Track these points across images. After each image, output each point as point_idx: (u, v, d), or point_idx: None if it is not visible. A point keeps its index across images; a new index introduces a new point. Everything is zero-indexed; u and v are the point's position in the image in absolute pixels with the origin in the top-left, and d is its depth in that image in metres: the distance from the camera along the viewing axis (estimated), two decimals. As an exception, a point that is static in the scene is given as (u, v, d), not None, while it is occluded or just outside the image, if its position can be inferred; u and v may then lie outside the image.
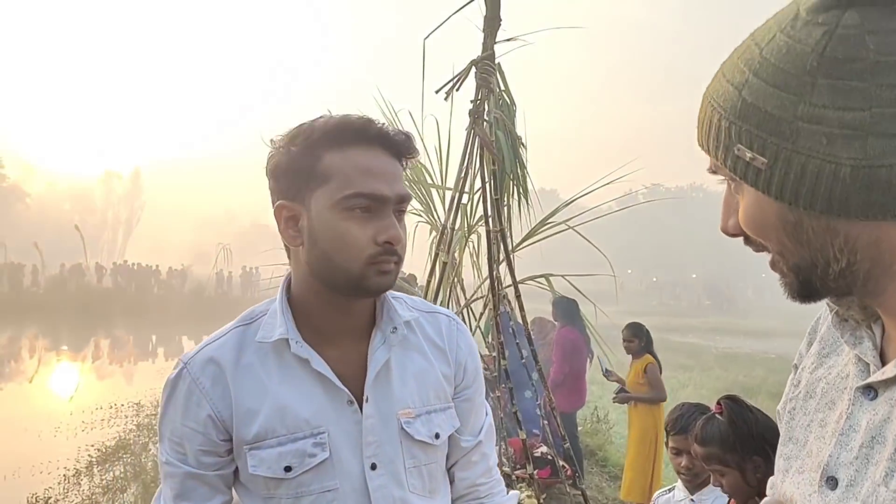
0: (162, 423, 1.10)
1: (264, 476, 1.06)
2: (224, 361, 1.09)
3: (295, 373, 1.09)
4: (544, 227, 4.96)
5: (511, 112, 3.72)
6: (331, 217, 1.03)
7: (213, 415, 1.07)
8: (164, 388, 1.12)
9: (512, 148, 3.66)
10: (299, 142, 1.05)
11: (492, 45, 3.25)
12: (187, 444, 1.08)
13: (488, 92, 3.35)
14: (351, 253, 1.03)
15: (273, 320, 1.11)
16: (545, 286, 5.43)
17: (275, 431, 1.06)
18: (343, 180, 1.03)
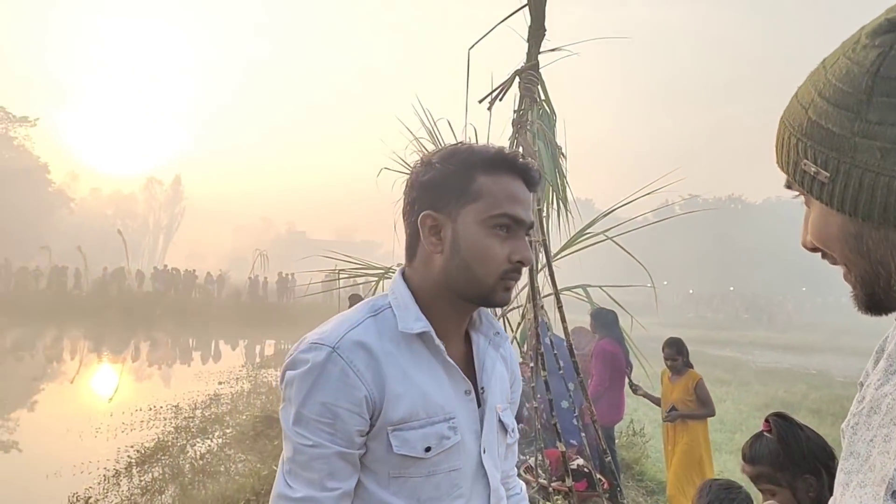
0: (304, 405, 1.11)
1: (405, 455, 1.14)
2: (372, 346, 1.15)
3: (429, 363, 1.20)
4: (582, 238, 4.93)
5: (551, 122, 3.71)
6: (477, 232, 1.17)
7: (368, 396, 1.12)
8: (300, 371, 1.13)
9: (552, 158, 3.65)
10: (456, 161, 1.20)
11: (536, 55, 3.26)
12: (341, 425, 1.11)
13: (531, 102, 3.35)
14: (489, 267, 1.18)
15: (405, 314, 1.20)
16: (582, 296, 5.40)
17: (417, 415, 1.15)
18: (493, 201, 1.17)
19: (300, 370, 1.13)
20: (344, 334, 1.15)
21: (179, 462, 8.01)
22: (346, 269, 5.36)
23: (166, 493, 6.92)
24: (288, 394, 1.15)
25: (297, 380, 1.13)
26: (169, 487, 7.09)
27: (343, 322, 1.19)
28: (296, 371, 1.14)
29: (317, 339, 1.15)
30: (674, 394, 5.12)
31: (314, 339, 1.16)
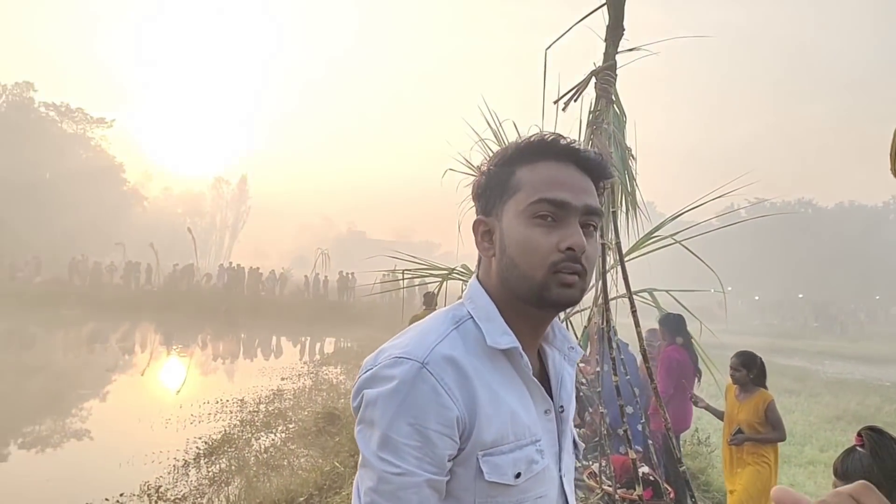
0: (391, 427, 0.99)
1: (495, 482, 1.04)
2: (461, 361, 1.05)
3: (513, 380, 1.10)
4: (649, 241, 4.84)
5: (622, 123, 3.67)
6: (517, 224, 1.08)
7: (460, 417, 1.01)
8: (385, 390, 1.02)
9: (622, 159, 3.61)
10: (496, 161, 1.14)
11: (613, 54, 3.21)
12: (431, 448, 0.99)
13: (607, 102, 3.31)
14: (534, 259, 1.06)
15: (491, 327, 1.10)
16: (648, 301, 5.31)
17: (506, 438, 1.05)
18: (530, 189, 1.08)
19: (385, 388, 1.01)
20: (432, 348, 1.05)
21: (245, 455, 8.22)
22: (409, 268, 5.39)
23: (233, 485, 7.10)
24: (370, 415, 1.02)
25: (381, 399, 1.01)
26: (235, 479, 7.28)
27: (427, 334, 1.09)
28: (379, 389, 1.02)
29: (401, 352, 1.04)
30: (741, 414, 4.72)
31: (398, 352, 1.04)
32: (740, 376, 4.78)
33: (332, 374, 15.33)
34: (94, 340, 21.92)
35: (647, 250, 4.87)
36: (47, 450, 9.29)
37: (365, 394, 1.04)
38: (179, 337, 23.51)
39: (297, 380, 14.47)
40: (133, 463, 7.89)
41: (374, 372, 1.05)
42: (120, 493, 6.77)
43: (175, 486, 7.12)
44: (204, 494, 6.83)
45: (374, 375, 1.04)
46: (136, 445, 8.60)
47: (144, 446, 8.54)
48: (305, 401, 11.82)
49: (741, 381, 4.79)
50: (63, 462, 8.71)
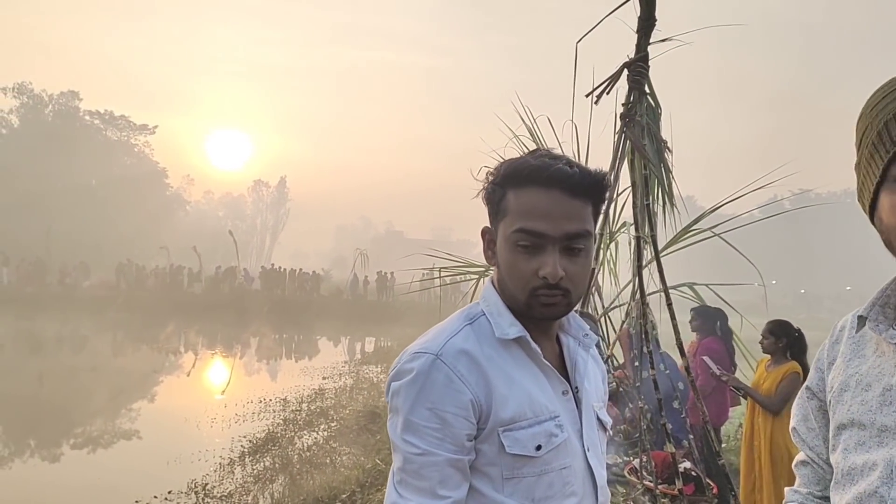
0: (412, 412, 1.13)
1: (517, 454, 1.15)
2: (474, 352, 1.17)
3: (527, 365, 1.22)
4: (688, 235, 4.77)
5: (656, 115, 3.63)
6: (505, 247, 1.21)
7: (474, 400, 1.14)
8: (405, 381, 1.16)
9: (657, 152, 3.57)
10: (494, 179, 1.23)
11: (646, 46, 3.19)
12: (449, 430, 1.12)
13: (640, 94, 3.29)
14: (517, 282, 1.19)
15: (500, 320, 1.22)
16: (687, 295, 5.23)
17: (524, 414, 1.17)
18: (514, 217, 1.19)
19: (405, 379, 1.15)
20: (445, 342, 1.18)
21: (288, 453, 8.35)
22: (446, 266, 5.41)
23: (277, 482, 7.23)
24: (395, 403, 1.17)
25: (403, 389, 1.15)
26: (279, 477, 7.41)
27: (442, 331, 1.22)
28: (401, 381, 1.16)
29: (419, 348, 1.18)
30: (764, 383, 4.54)
31: (416, 349, 1.19)
32: (769, 344, 4.59)
33: (372, 373, 15.46)
34: (141, 343, 22.45)
35: (686, 243, 4.80)
36: (98, 450, 9.57)
37: (391, 386, 1.19)
38: (223, 338, 23.94)
39: (338, 379, 14.63)
40: (180, 461, 8.07)
41: (398, 367, 1.19)
42: (168, 491, 6.94)
43: (221, 484, 7.27)
44: (249, 492, 6.96)
45: (398, 370, 1.19)
46: (183, 444, 8.79)
47: (191, 445, 8.73)
48: (347, 399, 11.95)
49: (769, 350, 4.60)
50: (113, 461, 8.96)
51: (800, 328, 4.71)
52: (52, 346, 20.63)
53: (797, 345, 4.61)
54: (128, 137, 53.70)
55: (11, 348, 19.78)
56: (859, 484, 0.94)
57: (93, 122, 51.49)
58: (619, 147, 3.42)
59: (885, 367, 0.95)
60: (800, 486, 1.21)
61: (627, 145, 3.39)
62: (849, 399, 1.00)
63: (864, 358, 1.01)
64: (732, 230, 4.83)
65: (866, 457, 0.94)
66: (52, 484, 7.83)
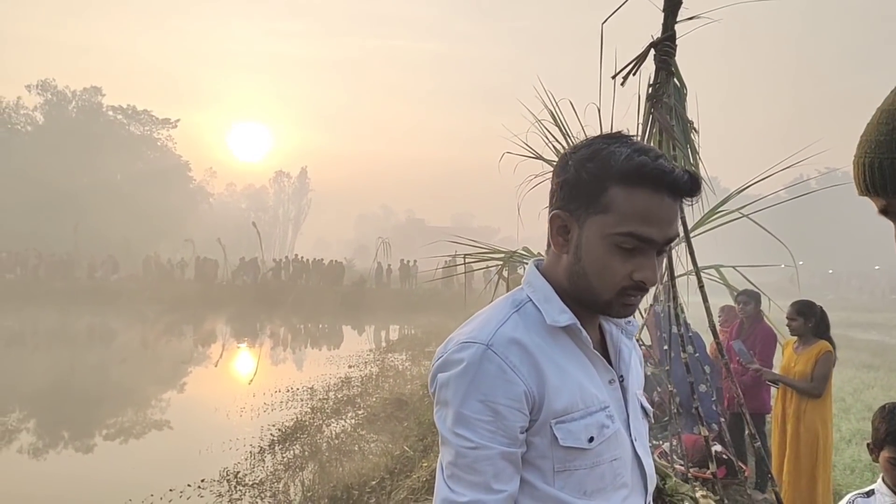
0: (463, 404, 1.09)
1: (570, 447, 1.12)
2: (524, 341, 1.13)
3: (576, 354, 1.18)
4: (715, 216, 4.71)
5: (682, 95, 3.58)
6: (600, 245, 1.12)
7: (527, 391, 1.10)
8: (455, 372, 1.11)
9: (683, 132, 3.52)
10: (591, 168, 1.13)
11: (672, 24, 3.13)
12: (502, 422, 1.08)
13: (668, 75, 3.24)
14: (607, 282, 1.13)
15: (549, 307, 1.18)
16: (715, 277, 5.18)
17: (576, 406, 1.13)
18: (621, 217, 1.10)
19: (455, 370, 1.11)
20: (495, 331, 1.13)
21: (317, 441, 8.43)
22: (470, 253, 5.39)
23: (307, 470, 7.31)
24: (444, 396, 1.12)
25: (452, 380, 1.11)
26: (309, 464, 7.49)
27: (490, 319, 1.17)
28: (450, 372, 1.12)
29: (467, 338, 1.13)
30: (797, 366, 4.52)
31: (464, 338, 1.14)
32: (797, 325, 4.58)
33: (397, 361, 15.54)
34: (169, 334, 22.76)
35: (712, 226, 4.73)
36: (130, 440, 9.74)
37: (439, 378, 1.14)
38: (248, 329, 24.19)
39: (363, 367, 14.72)
40: (212, 450, 8.19)
41: (445, 358, 1.14)
42: (201, 479, 7.05)
43: (252, 472, 7.37)
44: (280, 479, 7.05)
45: (445, 361, 1.14)
46: (214, 434, 8.92)
47: (221, 434, 8.86)
48: (373, 387, 12.03)
49: (799, 331, 4.59)
50: (145, 451, 9.11)
51: (822, 306, 4.69)
52: (82, 339, 21.00)
53: (822, 323, 4.61)
54: (150, 132, 54.18)
55: (43, 342, 20.17)
56: None
57: (116, 117, 52.02)
58: (646, 130, 3.38)
59: None
60: None
61: (655, 127, 3.34)
62: None
63: None
64: (759, 211, 4.76)
65: None
66: (86, 475, 7.98)
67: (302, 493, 6.54)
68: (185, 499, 6.68)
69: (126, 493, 6.67)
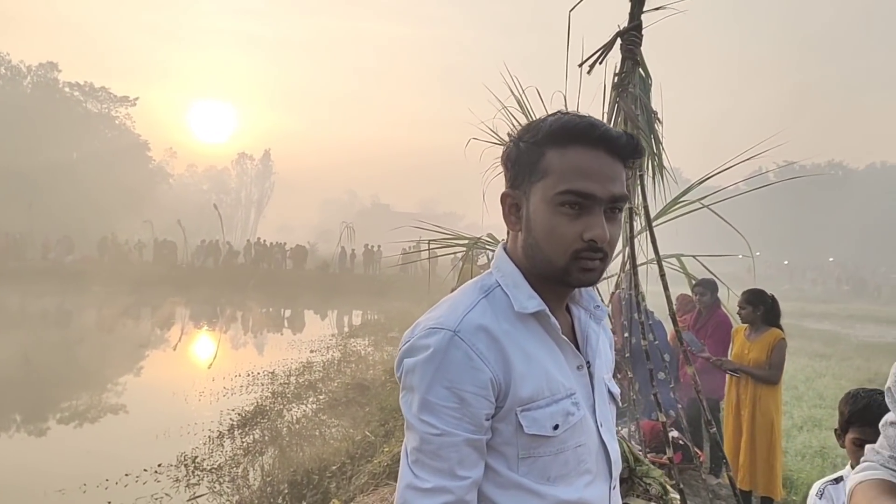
0: (429, 391, 1.09)
1: (535, 434, 1.12)
2: (491, 327, 1.13)
3: (544, 340, 1.18)
4: (676, 206, 4.77)
5: (647, 86, 3.61)
6: (544, 210, 1.14)
7: (493, 378, 1.10)
8: (422, 357, 1.11)
9: (648, 123, 3.55)
10: (527, 138, 1.16)
11: (639, 14, 3.15)
12: (467, 409, 1.08)
13: (633, 64, 3.26)
14: (558, 246, 1.13)
15: (518, 293, 1.18)
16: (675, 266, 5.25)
17: (542, 393, 1.14)
18: (558, 177, 1.12)
19: (422, 356, 1.11)
20: (463, 317, 1.13)
21: (277, 425, 8.38)
22: (434, 239, 5.38)
23: (267, 455, 7.26)
24: (410, 381, 1.12)
25: (419, 366, 1.10)
26: (269, 449, 7.44)
27: (458, 305, 1.17)
28: (417, 357, 1.11)
29: (435, 323, 1.13)
30: (751, 353, 4.66)
31: (432, 324, 1.13)
32: (747, 313, 4.73)
33: (360, 346, 15.50)
34: (126, 317, 22.33)
35: (674, 215, 4.79)
36: (85, 424, 9.55)
37: (405, 363, 1.14)
38: (209, 312, 23.87)
39: (325, 352, 14.66)
40: (169, 435, 8.08)
41: (412, 343, 1.14)
42: (158, 464, 6.95)
43: (211, 457, 7.30)
44: (239, 464, 6.99)
45: (412, 346, 1.14)
46: (172, 418, 8.80)
47: (179, 419, 8.74)
48: (335, 372, 11.99)
49: (749, 319, 4.73)
50: (100, 436, 8.95)
51: (773, 295, 4.84)
52: (36, 321, 20.47)
53: (773, 311, 4.76)
54: (108, 110, 52.83)
55: (-5, 324, 19.63)
56: None
57: (72, 94, 50.58)
58: (611, 118, 3.41)
59: None
60: (881, 448, 1.18)
61: (620, 116, 3.37)
62: None
63: None
64: (719, 202, 4.83)
65: None
66: (39, 460, 7.81)
67: (261, 477, 6.49)
68: (142, 484, 6.58)
69: (80, 478, 6.56)
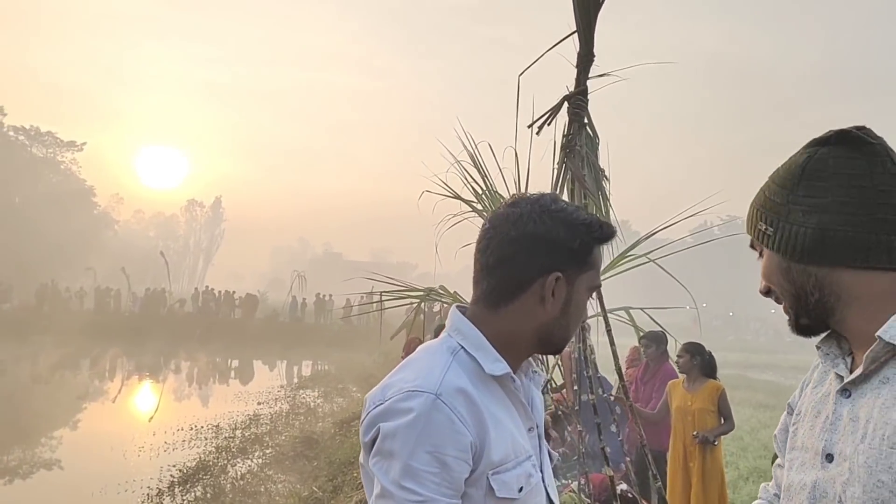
0: (412, 457, 1.07)
1: (504, 497, 1.14)
2: (469, 390, 1.14)
3: (505, 403, 1.21)
4: (624, 260, 4.88)
5: (594, 145, 3.73)
6: (584, 296, 1.27)
7: (473, 441, 1.10)
8: (403, 422, 1.09)
9: (595, 181, 3.66)
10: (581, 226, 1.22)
11: (585, 80, 3.29)
12: (449, 474, 1.08)
13: (580, 126, 3.38)
14: (573, 330, 1.27)
15: (484, 355, 1.20)
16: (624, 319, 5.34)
17: (509, 456, 1.16)
18: (595, 272, 1.27)
19: (403, 420, 1.09)
20: (441, 379, 1.13)
21: (221, 482, 8.10)
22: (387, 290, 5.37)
23: (208, 513, 7.00)
24: (388, 446, 1.09)
25: (401, 431, 1.08)
26: (211, 507, 7.17)
27: (433, 366, 1.17)
28: (397, 422, 1.09)
29: (413, 386, 1.12)
30: (695, 403, 4.82)
31: (409, 386, 1.12)
32: (684, 362, 4.94)
33: (309, 398, 15.20)
34: (63, 368, 21.50)
35: (621, 269, 4.90)
36: (16, 480, 9.09)
37: (381, 427, 1.11)
38: (152, 363, 23.15)
39: (273, 404, 14.32)
40: (106, 492, 7.75)
41: (388, 406, 1.12)
42: (92, 525, 6.64)
43: (149, 516, 6.99)
44: (179, 524, 6.72)
45: (388, 409, 1.11)
46: (109, 474, 8.44)
47: (117, 475, 8.39)
48: (283, 425, 11.70)
49: (686, 368, 4.94)
50: (33, 493, 8.53)
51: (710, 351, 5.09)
52: (-33, 372, 19.55)
53: (710, 364, 4.99)
54: (54, 154, 51.89)
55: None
56: (793, 501, 1.07)
57: (17, 137, 49.54)
58: (559, 177, 3.50)
59: (832, 396, 1.05)
60: (772, 486, 1.30)
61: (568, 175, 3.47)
62: (802, 423, 1.12)
63: (823, 385, 1.12)
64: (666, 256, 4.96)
65: (801, 477, 1.06)
66: (-35, 519, 7.39)
67: (203, 537, 6.25)
68: (75, 545, 6.27)
69: (8, 540, 6.20)
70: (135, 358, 24.12)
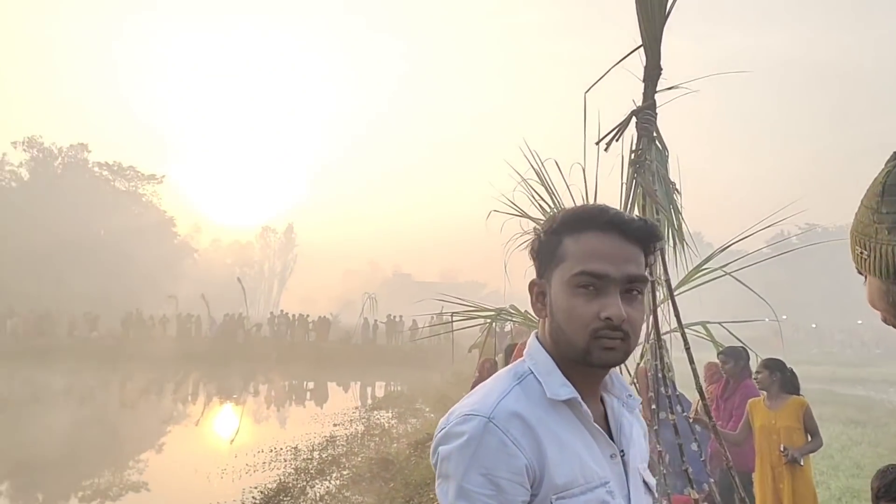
0: (465, 478, 1.10)
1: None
2: (525, 414, 1.14)
3: (577, 427, 1.19)
4: (699, 273, 4.77)
5: (664, 158, 3.67)
6: (562, 292, 1.19)
7: (528, 465, 1.11)
8: (457, 444, 1.12)
9: (666, 194, 3.60)
10: (546, 228, 1.25)
11: (652, 94, 3.26)
12: (504, 497, 1.09)
13: (649, 141, 3.34)
14: (577, 327, 1.17)
15: (550, 380, 1.19)
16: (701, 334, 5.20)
17: (576, 481, 1.14)
18: (574, 260, 1.18)
19: (457, 443, 1.12)
20: (497, 403, 1.15)
21: (300, 503, 8.22)
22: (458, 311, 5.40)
23: (290, 534, 7.11)
24: (445, 469, 1.13)
25: (454, 453, 1.12)
26: (292, 528, 7.29)
27: (492, 391, 1.19)
28: (452, 444, 1.13)
29: (469, 410, 1.15)
30: (779, 421, 4.65)
31: (466, 410, 1.15)
32: (763, 378, 4.78)
33: (383, 419, 15.32)
34: (149, 393, 22.34)
35: (696, 283, 4.79)
36: (106, 502, 9.45)
37: (440, 451, 1.15)
38: (231, 386, 23.81)
39: (349, 425, 14.49)
40: (192, 514, 7.96)
41: (447, 430, 1.16)
42: (180, 546, 6.84)
43: (233, 537, 7.16)
44: (262, 545, 6.85)
45: (447, 433, 1.16)
46: (193, 496, 8.70)
47: (201, 497, 8.64)
48: (358, 446, 11.82)
49: (765, 384, 4.78)
50: (123, 515, 8.84)
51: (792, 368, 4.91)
52: (60, 398, 20.53)
53: (791, 380, 4.81)
54: (136, 187, 54.31)
55: (20, 401, 19.70)
56: None
57: (101, 173, 52.19)
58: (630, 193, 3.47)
59: None
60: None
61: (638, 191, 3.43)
62: None
63: None
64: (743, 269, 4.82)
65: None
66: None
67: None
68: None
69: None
70: (215, 382, 24.87)
